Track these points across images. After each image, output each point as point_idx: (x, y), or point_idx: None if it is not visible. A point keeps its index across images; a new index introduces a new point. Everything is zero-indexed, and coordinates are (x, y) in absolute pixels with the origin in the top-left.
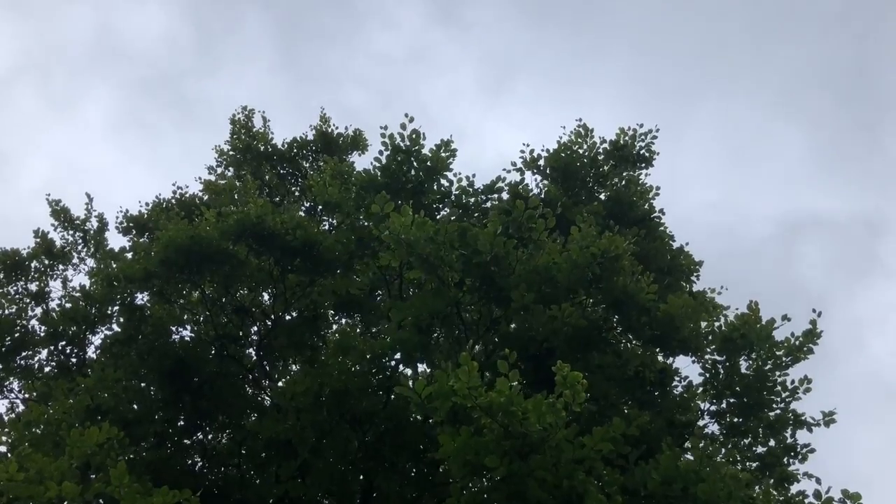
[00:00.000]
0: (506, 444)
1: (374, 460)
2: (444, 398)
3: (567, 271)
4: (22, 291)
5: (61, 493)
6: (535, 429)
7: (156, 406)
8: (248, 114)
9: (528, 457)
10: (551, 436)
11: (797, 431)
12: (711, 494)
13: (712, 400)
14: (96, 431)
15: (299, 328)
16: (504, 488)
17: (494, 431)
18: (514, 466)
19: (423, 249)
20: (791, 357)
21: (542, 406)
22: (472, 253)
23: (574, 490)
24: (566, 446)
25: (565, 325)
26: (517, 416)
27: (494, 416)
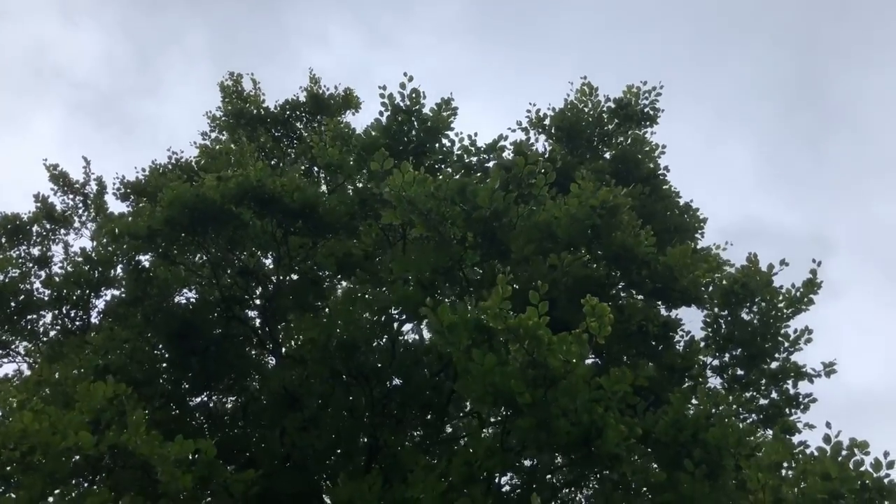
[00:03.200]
0: (530, 374)
1: (381, 416)
2: (466, 327)
3: (566, 225)
4: (24, 256)
5: (77, 442)
6: (557, 361)
7: (162, 367)
8: (236, 78)
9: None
10: (572, 371)
11: (799, 382)
12: (721, 439)
13: (715, 353)
14: (104, 386)
15: (302, 290)
16: (529, 417)
17: (519, 361)
18: (539, 394)
19: (423, 206)
20: (792, 308)
21: (567, 339)
22: (472, 208)
23: (594, 424)
24: (583, 386)
25: (565, 275)
26: (544, 343)
27: (521, 342)
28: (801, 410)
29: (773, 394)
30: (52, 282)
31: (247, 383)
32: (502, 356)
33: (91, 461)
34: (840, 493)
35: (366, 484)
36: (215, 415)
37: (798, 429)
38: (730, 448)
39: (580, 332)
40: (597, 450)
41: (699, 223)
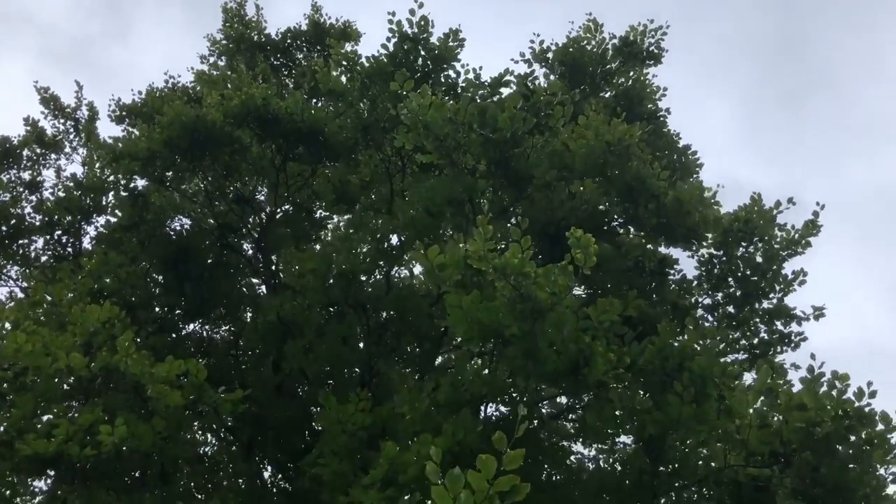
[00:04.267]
0: (518, 307)
1: (377, 345)
2: (455, 266)
3: (583, 157)
4: (15, 180)
5: (69, 364)
6: (544, 293)
7: (156, 293)
8: (240, 2)
9: (538, 320)
10: (559, 302)
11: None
12: (706, 369)
13: (708, 292)
14: (98, 309)
15: (297, 221)
16: (515, 349)
17: (506, 295)
18: (526, 326)
19: (440, 131)
20: (788, 250)
21: (552, 270)
22: (492, 131)
23: (581, 353)
24: (571, 317)
25: (585, 203)
26: (530, 278)
27: (507, 279)
28: (791, 349)
29: (763, 333)
30: (44, 207)
31: (240, 313)
32: (490, 293)
33: (83, 382)
34: (816, 421)
35: (352, 404)
36: (208, 342)
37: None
38: (714, 377)
39: (566, 264)
40: (584, 378)
41: (696, 167)
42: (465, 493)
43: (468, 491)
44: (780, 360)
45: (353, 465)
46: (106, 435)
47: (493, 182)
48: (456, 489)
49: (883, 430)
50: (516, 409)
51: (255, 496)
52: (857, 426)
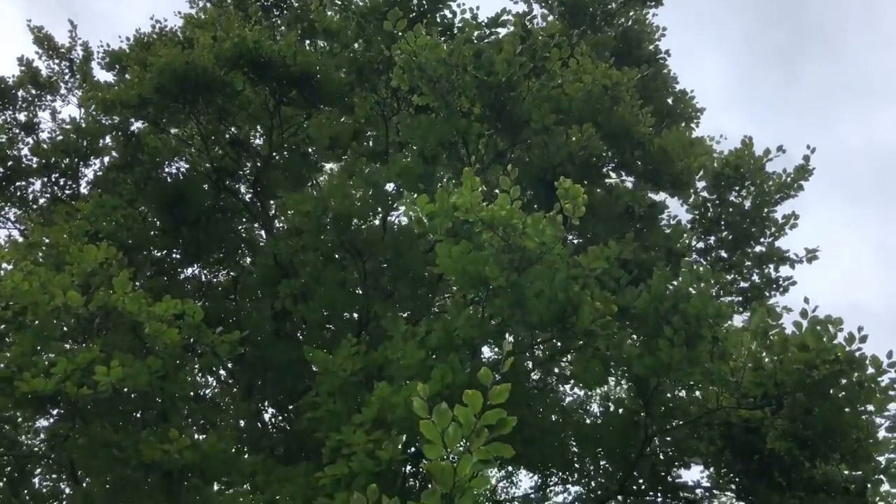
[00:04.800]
0: (505, 258)
1: (373, 288)
2: (446, 215)
3: (580, 101)
4: (11, 121)
5: (66, 302)
6: (533, 243)
7: (152, 235)
8: None
9: (526, 270)
10: (548, 252)
11: (780, 267)
12: (700, 309)
13: (700, 236)
14: (95, 250)
15: (293, 165)
16: (503, 299)
17: (495, 245)
18: (513, 278)
19: (434, 72)
20: (781, 194)
21: (541, 220)
22: (487, 74)
23: (570, 302)
24: (562, 265)
25: (582, 149)
26: (517, 230)
27: (495, 230)
28: (780, 293)
29: (755, 277)
30: (40, 149)
31: (239, 257)
32: (479, 242)
33: (81, 322)
34: (815, 363)
35: (344, 349)
36: (207, 286)
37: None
38: (708, 318)
39: (554, 215)
40: (572, 326)
41: (695, 112)
42: (452, 427)
43: (456, 425)
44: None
45: (347, 405)
46: (102, 374)
47: (488, 126)
48: (444, 424)
49: (874, 374)
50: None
51: (254, 436)
52: (848, 370)
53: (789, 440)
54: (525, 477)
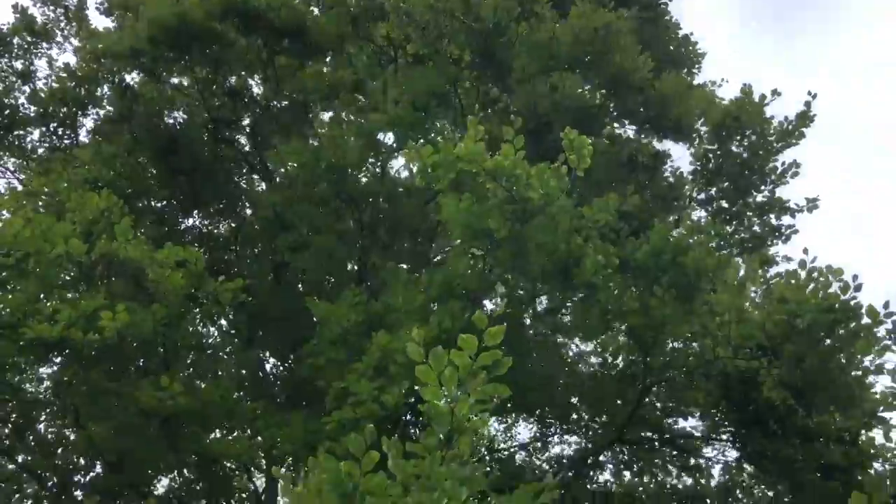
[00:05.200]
0: (508, 209)
1: (370, 240)
2: (449, 166)
3: (569, 45)
4: (7, 69)
5: (68, 250)
6: (536, 195)
7: (152, 185)
8: None
9: (529, 222)
10: (551, 204)
11: (782, 216)
12: (699, 263)
13: (702, 186)
14: (96, 197)
15: (290, 115)
16: (505, 250)
17: (498, 196)
18: (515, 230)
19: (422, 18)
20: (782, 142)
21: (545, 172)
22: (474, 20)
23: (572, 254)
24: (564, 217)
25: (566, 97)
26: (521, 181)
27: (499, 181)
28: (782, 241)
29: (756, 227)
30: (38, 98)
31: (238, 208)
32: (482, 192)
33: (84, 270)
34: (798, 313)
35: (346, 301)
36: (208, 237)
37: (776, 261)
38: (707, 271)
39: (559, 166)
40: (573, 278)
41: (697, 57)
42: (448, 370)
43: (452, 368)
44: (772, 252)
45: (347, 353)
46: (107, 321)
47: (478, 74)
48: (440, 367)
49: (869, 324)
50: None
51: (255, 384)
52: (843, 319)
53: (784, 390)
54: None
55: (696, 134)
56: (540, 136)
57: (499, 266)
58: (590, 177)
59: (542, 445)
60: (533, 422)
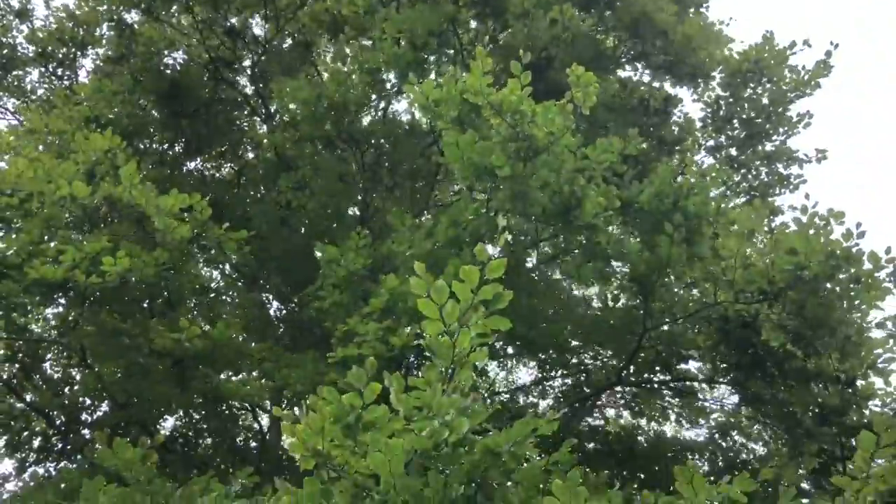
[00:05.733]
0: (511, 147)
1: (372, 181)
2: (452, 102)
3: None
4: (4, 7)
5: (72, 192)
6: (541, 132)
7: (153, 128)
8: None
9: (533, 160)
10: (556, 142)
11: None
12: (702, 208)
13: (711, 133)
14: (100, 137)
15: (291, 54)
16: (507, 189)
17: (502, 133)
18: (518, 168)
19: None
20: (797, 92)
21: (550, 109)
22: None
23: (574, 195)
24: (569, 156)
25: (566, 30)
26: (526, 117)
27: (503, 116)
28: (790, 191)
29: (764, 176)
30: (36, 37)
31: (240, 152)
32: (485, 131)
33: (88, 212)
34: (805, 265)
35: (352, 242)
36: (210, 180)
37: (782, 210)
38: (709, 216)
39: (564, 103)
40: (574, 220)
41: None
42: (450, 303)
43: (453, 301)
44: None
45: (353, 296)
46: (109, 264)
47: (476, 12)
48: (441, 299)
49: (871, 269)
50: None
51: (261, 327)
52: (845, 266)
53: (783, 334)
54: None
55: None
56: (539, 72)
57: (500, 206)
58: (597, 120)
59: (542, 390)
60: (534, 366)
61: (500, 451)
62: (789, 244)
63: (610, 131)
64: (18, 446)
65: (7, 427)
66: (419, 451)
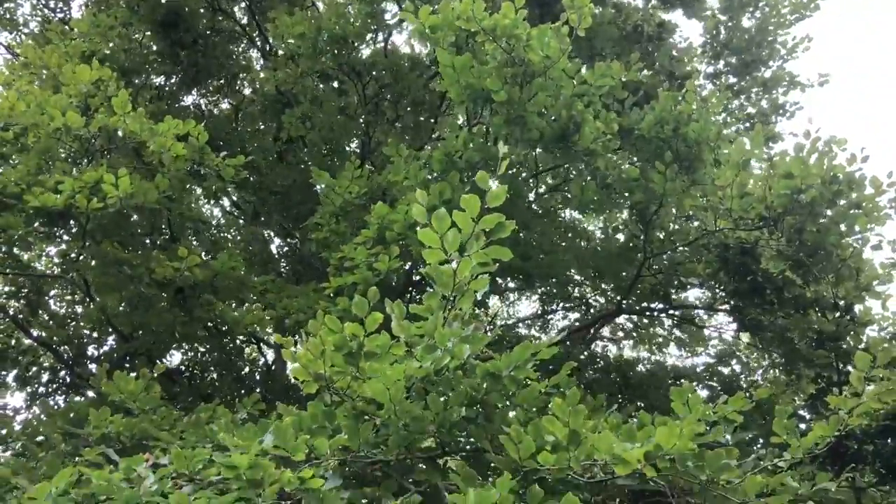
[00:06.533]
0: (508, 71)
1: (374, 114)
2: (448, 27)
3: None
4: None
5: (66, 123)
6: (537, 56)
7: (150, 59)
8: None
9: (528, 85)
10: (552, 66)
11: (790, 92)
12: (702, 134)
13: (710, 60)
14: (89, 70)
15: None
16: (504, 114)
17: (497, 58)
18: (514, 92)
19: None
20: (796, 14)
21: (546, 32)
22: None
23: (572, 119)
24: (567, 81)
25: None
26: (521, 41)
27: (498, 41)
28: (787, 118)
29: (763, 103)
30: None
31: (240, 86)
32: (483, 56)
33: (85, 145)
34: (801, 188)
35: (348, 172)
36: (208, 115)
37: (782, 137)
38: (709, 142)
39: (559, 26)
40: (573, 145)
41: None
42: (451, 232)
43: (454, 230)
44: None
45: (351, 226)
46: (110, 187)
47: None
48: (443, 228)
49: (872, 194)
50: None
51: (263, 261)
52: (846, 190)
53: (782, 260)
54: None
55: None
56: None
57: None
58: (592, 46)
59: (543, 323)
60: (535, 300)
61: (501, 374)
62: (786, 169)
63: (605, 59)
64: (28, 380)
65: (16, 362)
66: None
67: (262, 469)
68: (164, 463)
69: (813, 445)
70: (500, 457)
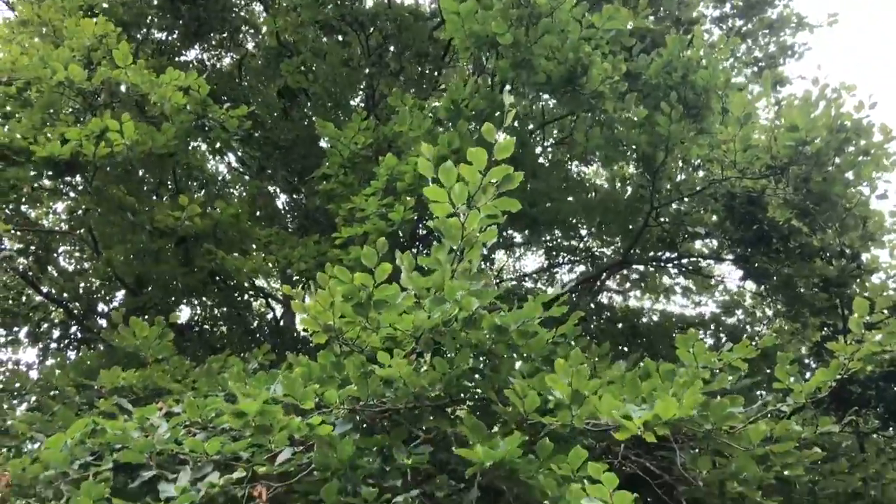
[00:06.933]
0: (514, 14)
1: (378, 65)
2: None
3: None
4: None
5: (69, 76)
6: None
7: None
8: None
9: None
10: (559, 7)
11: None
12: (710, 81)
13: (716, 3)
14: (92, 23)
15: None
16: (510, 57)
17: (503, 0)
18: (520, 34)
19: None
20: None
21: None
22: None
23: (580, 62)
24: (573, 25)
25: None
26: None
27: None
28: (795, 59)
29: (771, 46)
30: None
31: (240, 40)
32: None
33: (88, 98)
34: (806, 140)
35: (354, 124)
36: (211, 69)
37: (790, 81)
38: (717, 90)
39: None
40: (580, 88)
41: None
42: (458, 185)
43: (462, 183)
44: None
45: (358, 177)
46: (116, 134)
47: None
48: (450, 182)
49: (881, 141)
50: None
51: (267, 214)
52: (854, 138)
53: (789, 209)
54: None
55: None
56: None
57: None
58: None
59: (549, 276)
60: (541, 254)
61: (508, 326)
62: (791, 121)
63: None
64: (39, 336)
65: (27, 318)
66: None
67: (270, 415)
68: (178, 412)
69: (815, 390)
70: (506, 408)
